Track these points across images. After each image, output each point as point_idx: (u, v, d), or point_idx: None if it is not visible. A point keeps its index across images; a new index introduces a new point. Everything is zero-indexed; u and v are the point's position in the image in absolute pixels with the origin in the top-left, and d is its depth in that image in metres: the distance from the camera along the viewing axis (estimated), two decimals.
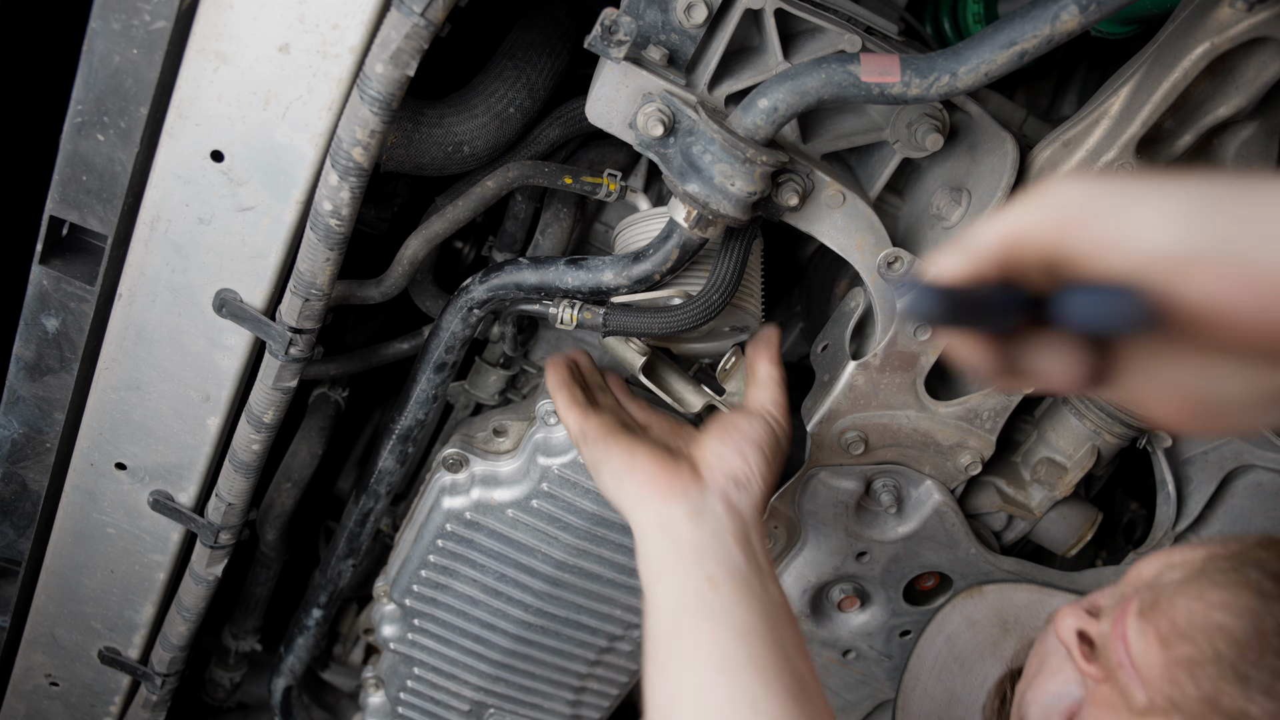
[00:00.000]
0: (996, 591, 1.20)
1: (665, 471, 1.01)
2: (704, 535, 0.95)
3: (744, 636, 0.88)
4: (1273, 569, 0.81)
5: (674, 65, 1.10)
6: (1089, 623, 0.91)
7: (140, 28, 0.94)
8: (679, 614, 0.90)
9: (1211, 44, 1.03)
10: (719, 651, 0.87)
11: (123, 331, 1.17)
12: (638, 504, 1.00)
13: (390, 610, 1.50)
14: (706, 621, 0.89)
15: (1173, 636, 0.80)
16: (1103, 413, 1.27)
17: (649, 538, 0.97)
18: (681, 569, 0.93)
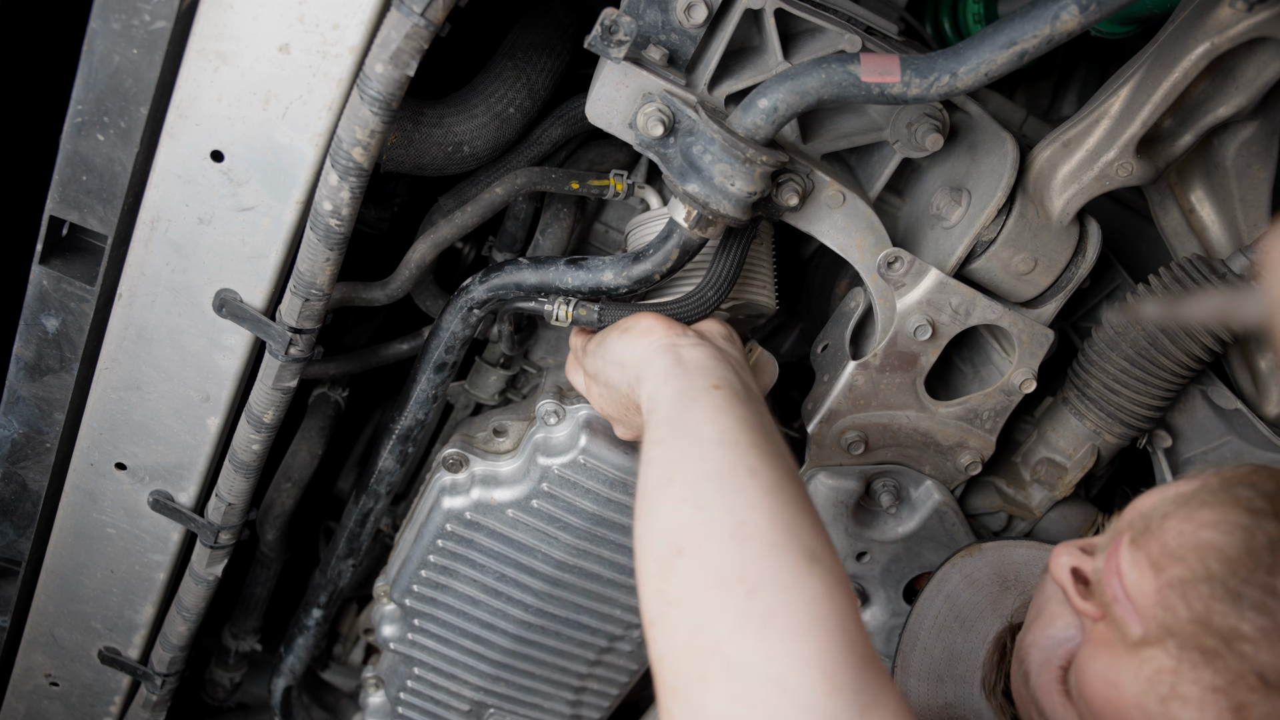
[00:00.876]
0: (996, 549, 1.21)
1: (667, 319, 1.10)
2: (707, 358, 1.02)
3: (744, 424, 0.91)
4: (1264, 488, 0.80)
5: (674, 65, 1.10)
6: (1083, 560, 0.90)
7: (140, 28, 0.94)
8: (685, 405, 0.94)
9: (1211, 44, 1.03)
10: (720, 430, 0.90)
11: (123, 331, 1.17)
12: (644, 338, 1.07)
13: (390, 610, 1.50)
14: (711, 410, 0.93)
15: (1164, 559, 0.79)
16: (1103, 413, 1.27)
17: (655, 360, 1.03)
18: (686, 377, 0.98)
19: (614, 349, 1.11)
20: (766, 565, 0.78)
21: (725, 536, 0.80)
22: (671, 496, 0.86)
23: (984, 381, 1.27)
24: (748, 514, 0.82)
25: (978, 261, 1.16)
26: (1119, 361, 1.22)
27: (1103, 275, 1.36)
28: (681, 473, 0.88)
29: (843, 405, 1.22)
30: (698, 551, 0.81)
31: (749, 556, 0.78)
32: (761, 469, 0.86)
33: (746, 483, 0.85)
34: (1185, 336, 1.18)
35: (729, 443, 0.89)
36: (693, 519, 0.83)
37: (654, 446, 0.93)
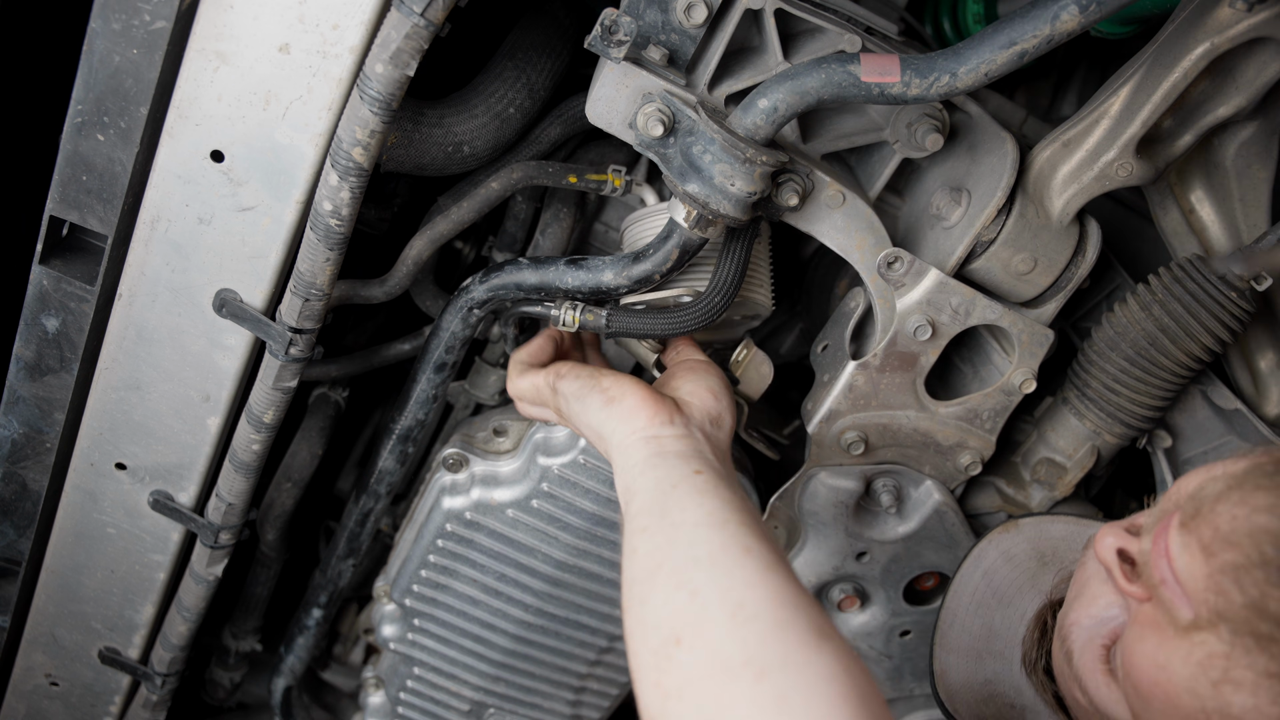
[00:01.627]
0: (1034, 524, 1.19)
1: (653, 400, 1.04)
2: (691, 450, 0.99)
3: (731, 504, 0.89)
4: None
5: (674, 65, 1.10)
6: (1129, 541, 0.88)
7: (140, 28, 0.94)
8: (666, 492, 0.92)
9: (1211, 44, 1.03)
10: (706, 512, 0.88)
11: (123, 331, 1.17)
12: (625, 424, 1.03)
13: (390, 610, 1.50)
14: (694, 494, 0.90)
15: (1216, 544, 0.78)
16: (1103, 413, 1.27)
17: (634, 448, 1.00)
18: (667, 465, 0.96)
19: (593, 417, 1.07)
20: (774, 646, 0.75)
21: (725, 620, 0.77)
22: (661, 584, 0.83)
23: (984, 381, 1.27)
24: (747, 593, 0.79)
25: (978, 261, 1.16)
26: (1119, 361, 1.22)
27: (1103, 275, 1.36)
28: (669, 558, 0.85)
29: (843, 405, 1.23)
30: (696, 639, 0.77)
31: (753, 638, 0.75)
32: (756, 547, 0.84)
33: (742, 561, 0.82)
34: (1185, 336, 1.18)
35: (718, 523, 0.86)
36: (688, 606, 0.80)
37: (637, 535, 0.90)
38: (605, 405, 1.06)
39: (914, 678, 1.50)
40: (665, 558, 0.85)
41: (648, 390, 1.06)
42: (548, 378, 1.14)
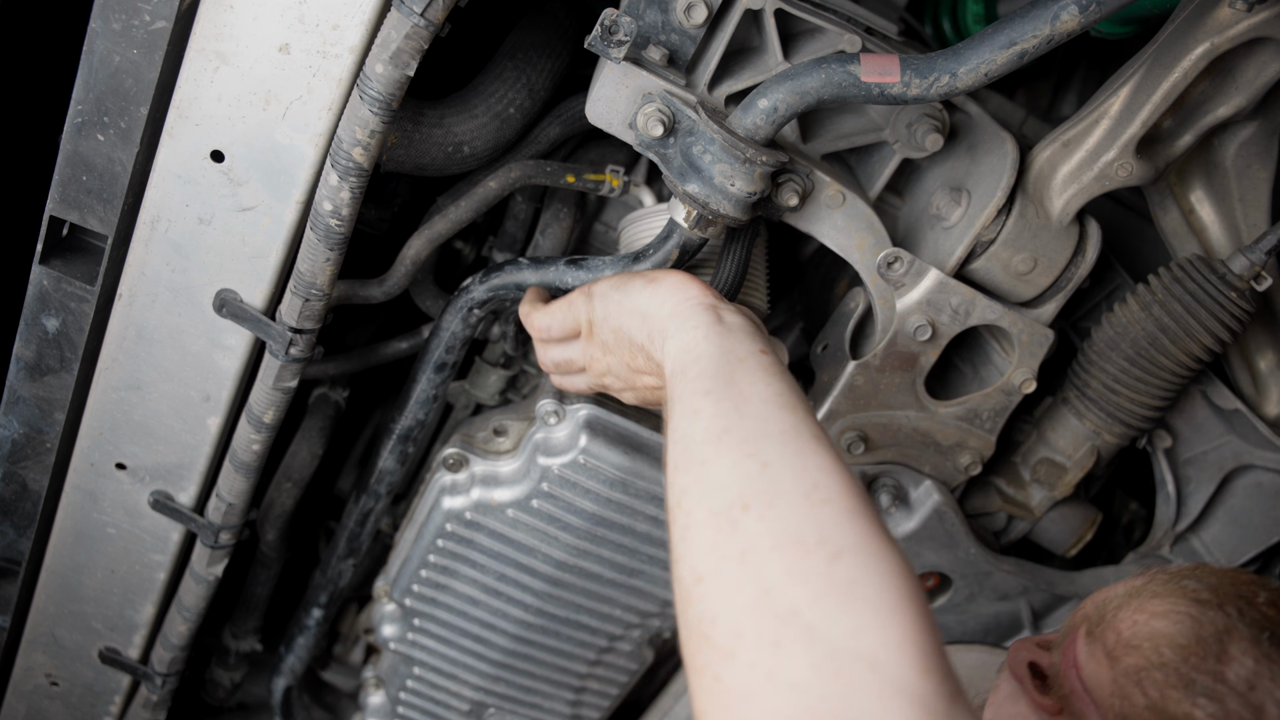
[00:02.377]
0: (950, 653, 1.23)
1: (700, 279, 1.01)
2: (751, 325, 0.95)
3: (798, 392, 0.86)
4: (1207, 581, 0.84)
5: (674, 65, 1.10)
6: (1040, 655, 0.92)
7: (140, 28, 0.94)
8: (733, 363, 0.87)
9: (1211, 44, 1.03)
10: (776, 391, 0.84)
11: (123, 331, 1.17)
12: (678, 291, 0.98)
13: (390, 610, 1.50)
14: (762, 372, 0.86)
15: (1119, 649, 0.82)
16: (1103, 413, 1.27)
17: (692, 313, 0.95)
18: (733, 338, 0.91)
19: (637, 297, 1.01)
20: (848, 532, 0.71)
21: (800, 497, 0.74)
22: (729, 449, 0.79)
23: (984, 381, 1.27)
24: (821, 476, 0.75)
25: (977, 262, 1.16)
26: (1119, 361, 1.22)
27: (1103, 275, 1.36)
28: (738, 426, 0.80)
29: (843, 405, 1.22)
30: (768, 509, 0.73)
31: (828, 519, 0.72)
32: (824, 437, 0.80)
33: (815, 446, 0.78)
34: (1185, 336, 1.18)
35: (788, 406, 0.82)
36: (759, 475, 0.76)
37: (698, 397, 0.85)
38: (649, 284, 1.01)
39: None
40: (734, 423, 0.81)
41: (689, 273, 1.02)
42: (580, 289, 1.08)
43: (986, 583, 1.39)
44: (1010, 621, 1.45)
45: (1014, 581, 1.39)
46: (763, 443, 0.79)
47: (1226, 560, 1.37)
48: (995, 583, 1.39)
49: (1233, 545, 1.37)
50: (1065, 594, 1.41)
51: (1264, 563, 1.42)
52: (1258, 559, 1.38)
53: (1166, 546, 1.39)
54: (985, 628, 1.45)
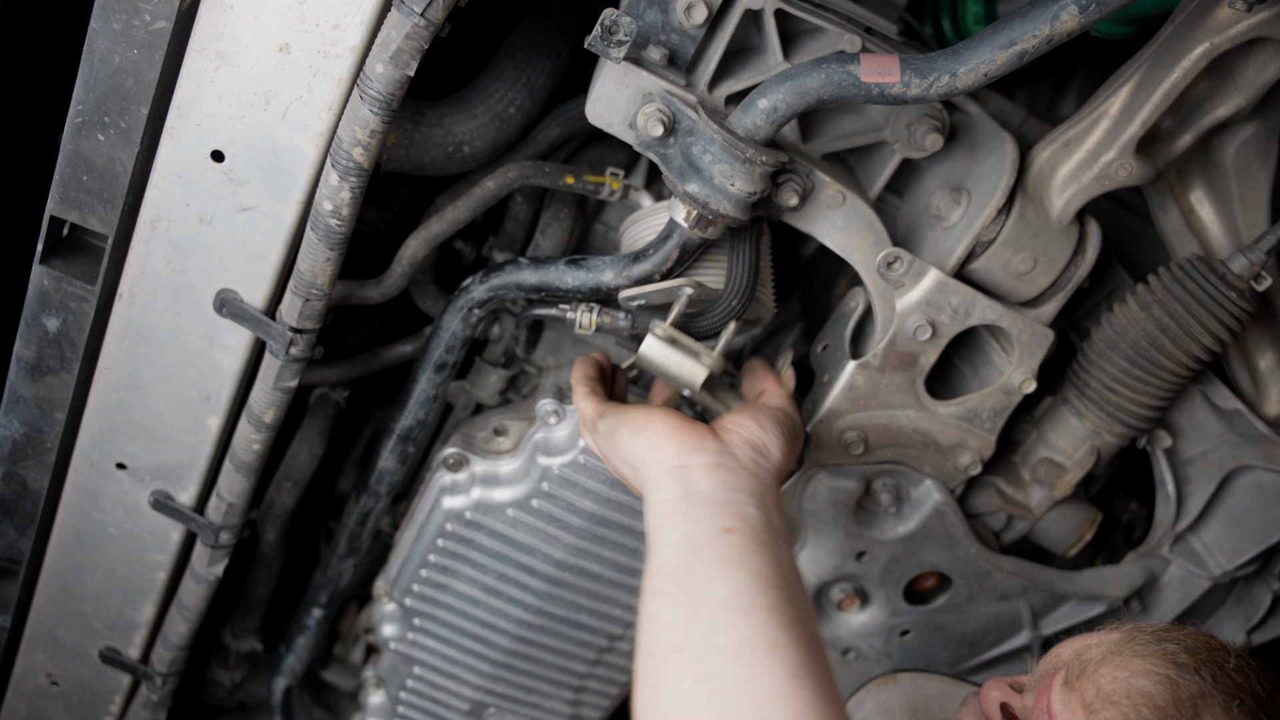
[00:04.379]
0: (910, 680, 1.26)
1: (684, 427, 0.98)
2: (721, 489, 0.92)
3: (760, 580, 0.83)
4: (1187, 644, 0.87)
5: (674, 65, 1.10)
6: (1012, 697, 0.94)
7: (141, 28, 0.94)
8: (691, 552, 0.86)
9: (1211, 44, 1.03)
10: (733, 589, 0.82)
11: (123, 331, 1.17)
12: (653, 451, 0.97)
13: (390, 610, 1.50)
14: (719, 563, 0.84)
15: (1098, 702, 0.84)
16: (1103, 413, 1.27)
17: (663, 483, 0.93)
18: (696, 515, 0.89)
19: (623, 448, 1.01)
20: None
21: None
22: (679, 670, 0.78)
23: (984, 381, 1.27)
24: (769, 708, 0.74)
25: (977, 261, 1.16)
26: (1119, 361, 1.22)
27: (1102, 275, 1.36)
28: (690, 640, 0.79)
29: (843, 405, 1.23)
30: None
31: None
32: (783, 643, 0.78)
33: (766, 664, 0.76)
34: (1185, 336, 1.18)
35: (744, 607, 0.80)
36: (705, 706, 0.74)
37: (656, 600, 0.84)
38: (632, 435, 1.00)
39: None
40: (685, 638, 0.80)
41: (677, 418, 0.99)
42: (593, 412, 1.08)
43: (986, 582, 1.39)
44: (1010, 621, 1.45)
45: (1014, 581, 1.39)
46: (712, 662, 0.77)
47: (1226, 560, 1.37)
48: (995, 582, 1.39)
49: (1232, 545, 1.37)
50: (1065, 594, 1.41)
51: (1263, 562, 1.42)
52: (1257, 559, 1.38)
53: (1166, 546, 1.39)
54: (985, 627, 1.45)
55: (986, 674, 1.53)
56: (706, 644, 0.78)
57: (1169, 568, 1.42)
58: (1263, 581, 1.45)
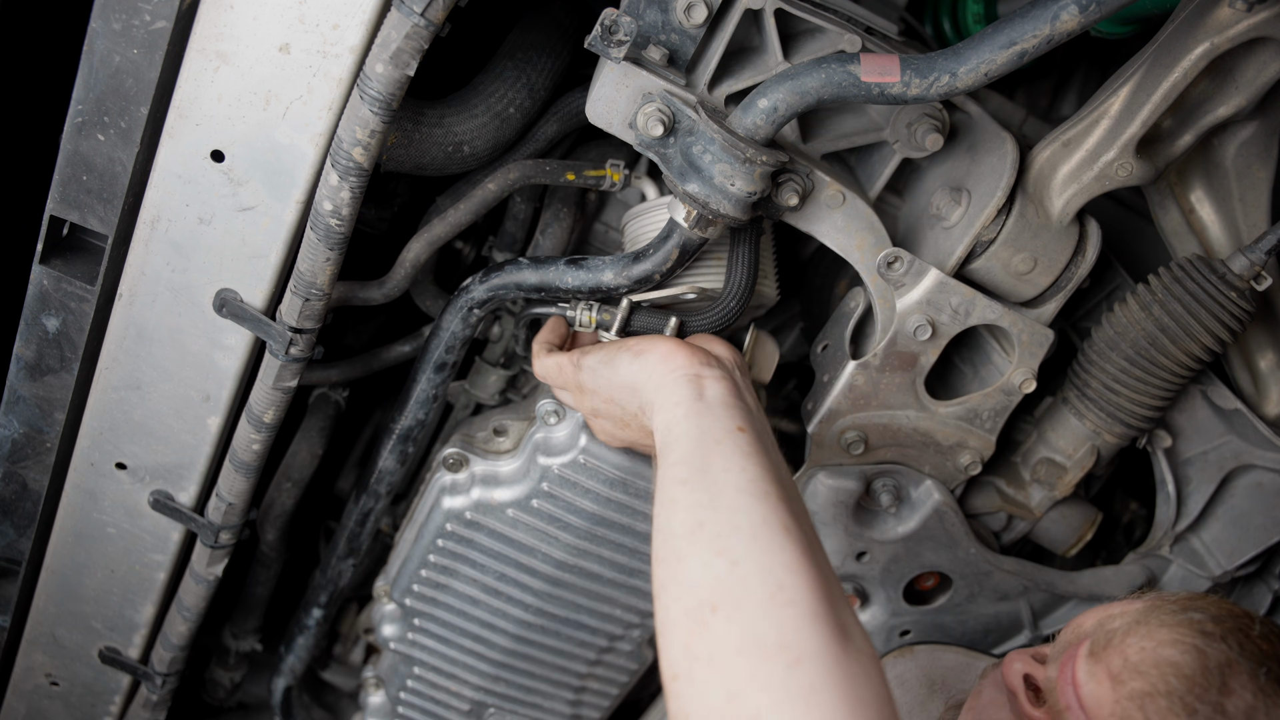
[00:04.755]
0: (927, 652, 1.26)
1: (686, 346, 1.04)
2: (730, 396, 0.98)
3: (771, 474, 0.89)
4: (1212, 613, 0.88)
5: (674, 65, 1.10)
6: (1035, 668, 0.95)
7: (140, 28, 0.94)
8: (709, 445, 0.91)
9: (1211, 44, 1.03)
10: (749, 478, 0.87)
11: (123, 331, 1.17)
12: (663, 363, 1.02)
13: (390, 610, 1.50)
14: (737, 455, 0.89)
15: (1125, 672, 0.85)
16: (1103, 413, 1.27)
17: (677, 390, 0.99)
18: (711, 415, 0.95)
19: (624, 370, 1.06)
20: (809, 637, 0.75)
21: (765, 599, 0.78)
22: (701, 546, 0.83)
23: (984, 381, 1.27)
24: (786, 576, 0.79)
25: (977, 261, 1.16)
26: (1119, 361, 1.22)
27: (1103, 275, 1.36)
28: (710, 520, 0.84)
29: (843, 405, 1.23)
30: (735, 611, 0.78)
31: (790, 624, 0.76)
32: (794, 527, 0.84)
33: (783, 541, 0.82)
34: (1185, 336, 1.18)
35: (760, 493, 0.86)
36: (728, 575, 0.80)
37: (675, 485, 0.89)
38: (635, 357, 1.05)
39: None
40: (706, 517, 0.85)
41: (677, 340, 1.05)
42: (572, 356, 1.13)
43: (986, 582, 1.39)
44: (1010, 621, 1.45)
45: (1014, 581, 1.39)
46: (733, 538, 0.83)
47: (1226, 560, 1.37)
48: (995, 582, 1.39)
49: (1232, 545, 1.37)
50: (1065, 594, 1.41)
51: (1264, 562, 1.42)
52: (1257, 559, 1.38)
53: (1166, 546, 1.39)
54: (985, 627, 1.45)
55: None
56: (728, 522, 0.84)
57: (1169, 568, 1.42)
58: (1263, 581, 1.45)
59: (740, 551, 0.81)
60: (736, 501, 0.85)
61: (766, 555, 0.81)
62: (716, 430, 0.93)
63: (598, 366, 1.10)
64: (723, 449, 0.90)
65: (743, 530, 0.83)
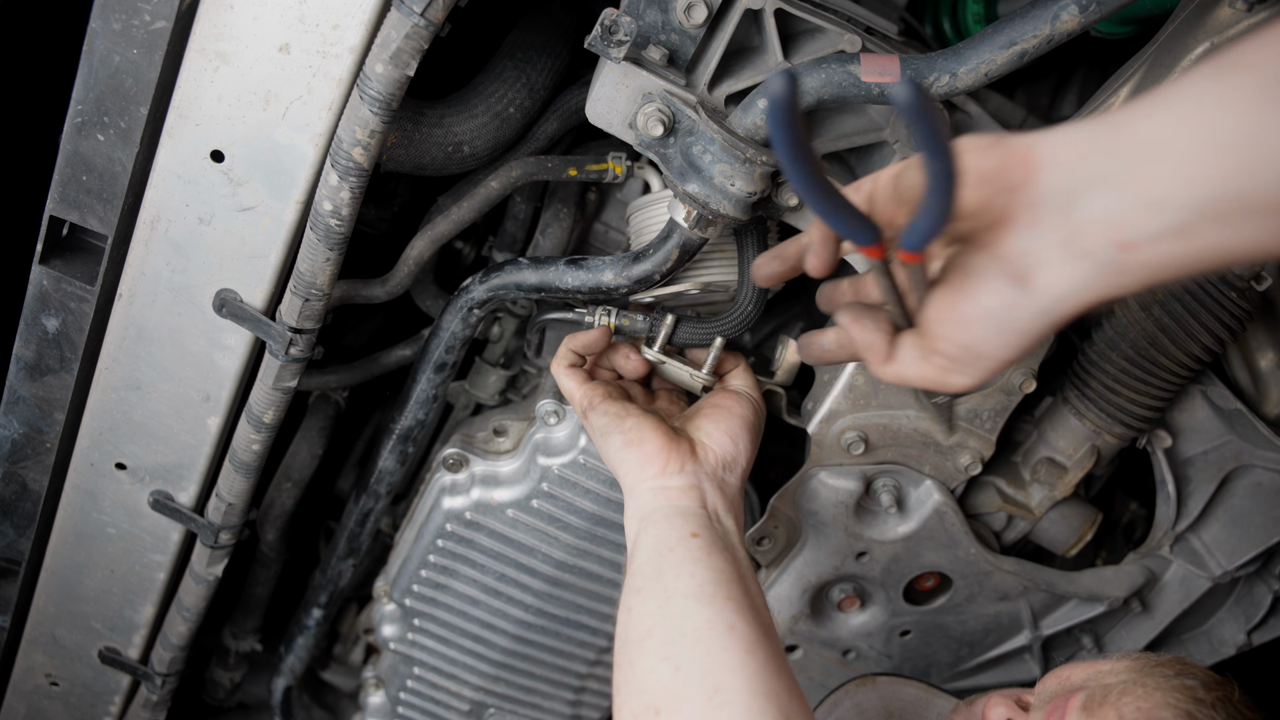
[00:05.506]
0: (888, 684, 1.30)
1: (668, 448, 1.06)
2: (693, 505, 1.03)
3: (721, 575, 0.93)
4: (1203, 679, 0.94)
5: (674, 65, 1.10)
6: (1019, 714, 1.00)
7: (140, 28, 0.94)
8: (662, 554, 0.96)
9: (1211, 44, 1.03)
10: (698, 584, 0.92)
11: (123, 331, 1.17)
12: (638, 470, 1.06)
13: (390, 610, 1.50)
14: (687, 562, 0.95)
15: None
16: (1103, 413, 1.27)
17: (643, 497, 1.04)
18: (668, 523, 1.00)
19: (612, 454, 1.10)
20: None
21: (703, 701, 0.82)
22: (649, 651, 0.88)
23: None
24: (725, 677, 0.84)
25: None
26: (1119, 361, 1.22)
27: None
28: (658, 627, 0.90)
29: (843, 405, 1.23)
30: (674, 715, 0.83)
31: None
32: (740, 625, 0.88)
33: (725, 642, 0.87)
34: (1185, 336, 1.18)
35: (707, 597, 0.90)
36: (671, 679, 0.85)
37: (632, 595, 0.95)
38: (624, 447, 1.08)
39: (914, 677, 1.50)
40: (655, 624, 0.90)
41: (665, 437, 1.07)
42: (584, 399, 1.15)
43: (986, 583, 1.39)
44: (1010, 621, 1.45)
45: (1014, 581, 1.39)
46: (678, 644, 0.88)
47: (1226, 560, 1.37)
48: (995, 583, 1.39)
49: (1233, 545, 1.37)
50: (1065, 594, 1.41)
51: (1264, 562, 1.42)
52: (1257, 559, 1.38)
53: (1166, 546, 1.39)
54: (985, 628, 1.45)
55: (986, 674, 1.53)
56: (673, 629, 0.89)
57: (1169, 568, 1.42)
58: (1263, 581, 1.45)
59: (684, 656, 0.86)
60: (683, 608, 0.90)
61: (708, 657, 0.86)
62: (670, 538, 0.98)
63: (596, 431, 1.13)
64: (674, 556, 0.95)
65: (687, 636, 0.88)
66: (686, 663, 0.86)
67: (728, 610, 0.89)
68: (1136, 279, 0.67)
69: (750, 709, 0.81)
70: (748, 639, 0.87)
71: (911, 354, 0.81)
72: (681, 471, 1.05)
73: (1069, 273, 0.69)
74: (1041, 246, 0.70)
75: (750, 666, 0.84)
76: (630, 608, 0.94)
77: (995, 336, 0.74)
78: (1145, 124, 0.65)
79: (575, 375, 1.17)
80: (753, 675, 0.84)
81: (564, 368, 1.18)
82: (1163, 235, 0.64)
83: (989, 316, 0.74)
